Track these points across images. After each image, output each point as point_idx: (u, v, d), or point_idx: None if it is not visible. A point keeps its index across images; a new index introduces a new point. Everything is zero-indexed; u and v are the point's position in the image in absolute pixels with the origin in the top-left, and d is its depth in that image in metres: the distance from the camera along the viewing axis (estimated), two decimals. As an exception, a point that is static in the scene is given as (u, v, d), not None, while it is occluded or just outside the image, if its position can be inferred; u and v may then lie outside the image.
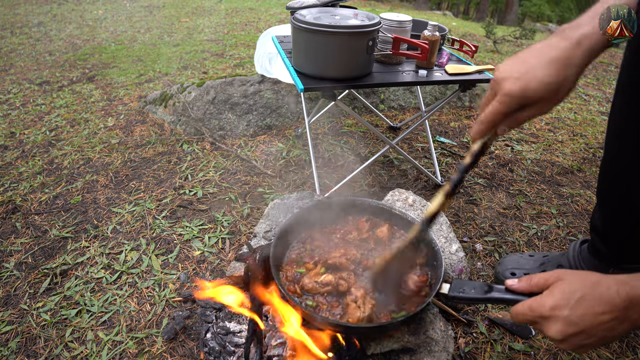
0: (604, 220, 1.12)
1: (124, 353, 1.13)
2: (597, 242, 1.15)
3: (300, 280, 1.03)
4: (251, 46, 3.87)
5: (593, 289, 0.64)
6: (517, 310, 0.71)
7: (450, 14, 10.69)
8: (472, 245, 1.50)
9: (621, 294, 0.62)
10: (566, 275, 0.67)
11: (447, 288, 0.93)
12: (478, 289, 0.86)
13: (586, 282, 0.65)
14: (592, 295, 0.63)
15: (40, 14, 5.56)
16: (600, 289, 0.63)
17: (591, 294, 0.63)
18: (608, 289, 0.63)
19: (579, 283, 0.65)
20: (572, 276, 0.67)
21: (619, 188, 1.06)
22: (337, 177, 1.84)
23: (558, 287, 0.66)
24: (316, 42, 1.34)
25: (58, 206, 1.72)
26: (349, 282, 1.02)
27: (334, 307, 0.98)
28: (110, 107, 2.62)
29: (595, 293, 0.63)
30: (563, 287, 0.66)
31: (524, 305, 0.70)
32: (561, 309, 0.64)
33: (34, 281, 1.37)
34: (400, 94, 2.53)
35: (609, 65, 3.98)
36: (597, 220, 1.14)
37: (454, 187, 0.85)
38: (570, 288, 0.65)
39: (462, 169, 0.83)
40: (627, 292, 0.62)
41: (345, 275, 1.04)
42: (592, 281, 0.65)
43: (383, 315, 0.97)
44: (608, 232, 1.11)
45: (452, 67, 1.56)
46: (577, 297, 0.64)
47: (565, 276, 0.67)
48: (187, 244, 1.50)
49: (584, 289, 0.64)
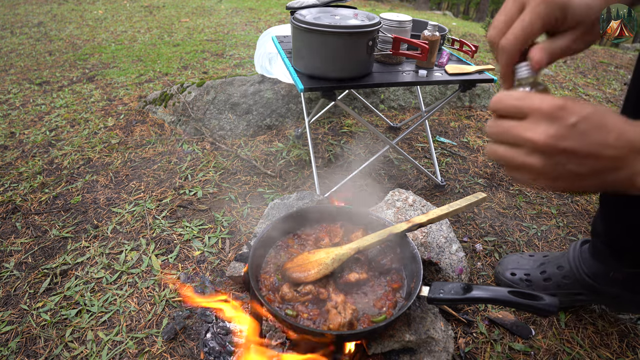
0: (606, 225, 1.11)
1: (124, 353, 1.13)
2: (598, 246, 1.15)
3: (279, 289, 1.02)
4: (251, 46, 3.87)
5: (612, 116, 0.51)
6: (503, 94, 0.56)
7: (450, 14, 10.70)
8: (472, 245, 1.50)
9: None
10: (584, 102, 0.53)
11: (426, 290, 0.94)
12: (457, 289, 0.86)
13: (606, 108, 0.52)
14: (610, 120, 0.50)
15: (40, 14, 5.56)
16: (620, 120, 0.51)
17: (609, 118, 0.50)
18: (629, 124, 0.51)
19: (597, 107, 0.52)
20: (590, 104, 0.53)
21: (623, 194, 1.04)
22: (337, 177, 1.84)
23: (569, 98, 0.53)
24: (316, 42, 1.34)
25: (58, 206, 1.72)
26: (327, 290, 1.02)
27: (314, 316, 0.97)
28: (110, 107, 2.61)
29: (615, 120, 0.50)
30: (577, 101, 0.52)
31: (517, 92, 0.55)
32: (570, 112, 0.50)
33: (34, 281, 1.37)
34: (400, 94, 2.53)
35: (609, 65, 3.98)
36: (599, 225, 1.13)
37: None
38: (585, 104, 0.51)
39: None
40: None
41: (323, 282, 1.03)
42: (611, 110, 0.52)
43: (363, 320, 0.97)
44: (610, 236, 1.10)
45: (452, 67, 1.56)
46: (590, 111, 0.50)
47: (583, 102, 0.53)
48: (187, 244, 1.50)
49: (601, 110, 0.51)
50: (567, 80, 3.36)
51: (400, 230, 1.07)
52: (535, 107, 0.51)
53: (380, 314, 0.98)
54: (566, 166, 0.51)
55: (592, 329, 1.21)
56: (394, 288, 1.05)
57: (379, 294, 1.04)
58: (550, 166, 0.51)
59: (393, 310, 0.99)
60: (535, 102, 0.52)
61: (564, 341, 1.18)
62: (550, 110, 0.50)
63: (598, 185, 0.53)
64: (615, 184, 0.52)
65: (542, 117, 0.51)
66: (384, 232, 1.09)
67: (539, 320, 1.23)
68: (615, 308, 1.24)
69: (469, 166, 1.98)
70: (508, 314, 1.24)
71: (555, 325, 1.22)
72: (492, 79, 1.53)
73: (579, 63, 3.94)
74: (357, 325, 0.94)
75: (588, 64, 3.94)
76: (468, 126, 2.37)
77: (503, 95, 0.55)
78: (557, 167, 0.51)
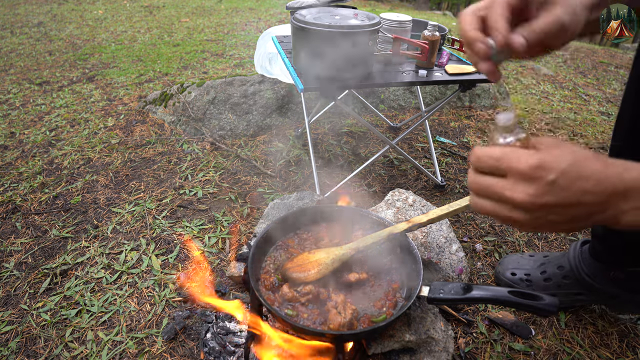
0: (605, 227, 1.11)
1: (124, 353, 1.13)
2: (598, 246, 1.15)
3: (279, 289, 1.02)
4: (251, 46, 3.87)
5: (592, 162, 0.52)
6: (482, 151, 0.56)
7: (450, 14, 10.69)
8: (472, 245, 1.50)
9: (624, 179, 0.51)
10: (561, 144, 0.55)
11: (426, 290, 0.94)
12: (457, 289, 0.86)
13: (583, 154, 0.53)
14: (589, 168, 0.52)
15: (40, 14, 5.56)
16: (599, 164, 0.52)
17: (588, 165, 0.52)
18: (608, 167, 0.52)
19: (574, 153, 0.53)
20: (567, 146, 0.54)
21: None
22: (337, 177, 1.84)
23: (547, 149, 0.54)
24: (316, 42, 1.34)
25: (58, 206, 1.72)
26: (327, 290, 1.02)
27: (314, 316, 0.96)
28: (110, 107, 2.61)
29: (595, 167, 0.52)
30: (554, 150, 0.53)
31: (495, 149, 0.55)
32: (547, 170, 0.51)
33: (34, 281, 1.37)
34: (400, 94, 2.53)
35: (609, 65, 3.98)
36: (599, 225, 1.13)
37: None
38: (562, 152, 0.53)
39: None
40: (634, 177, 0.51)
41: (323, 282, 1.03)
42: (589, 155, 0.53)
43: (363, 320, 0.97)
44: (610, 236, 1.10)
45: (452, 67, 1.56)
46: (567, 165, 0.51)
47: (560, 144, 0.55)
48: (187, 244, 1.50)
49: (579, 159, 0.52)
50: (567, 80, 3.36)
51: (400, 230, 1.07)
52: (512, 167, 0.53)
53: (380, 314, 0.98)
54: (547, 217, 0.54)
55: (592, 329, 1.21)
56: (394, 288, 1.05)
57: (379, 294, 1.04)
58: (533, 219, 0.54)
59: (393, 310, 0.99)
60: (512, 162, 0.53)
61: (564, 341, 1.18)
62: (527, 170, 0.52)
63: (583, 226, 0.56)
64: (601, 222, 0.54)
65: (520, 178, 0.53)
66: (384, 232, 1.09)
67: (539, 320, 1.23)
68: (615, 308, 1.24)
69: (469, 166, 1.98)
70: (508, 314, 1.24)
71: (555, 325, 1.22)
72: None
73: (578, 63, 3.95)
74: (357, 325, 0.94)
75: (588, 64, 3.94)
76: (468, 126, 2.37)
77: (481, 152, 0.57)
78: (539, 220, 0.54)
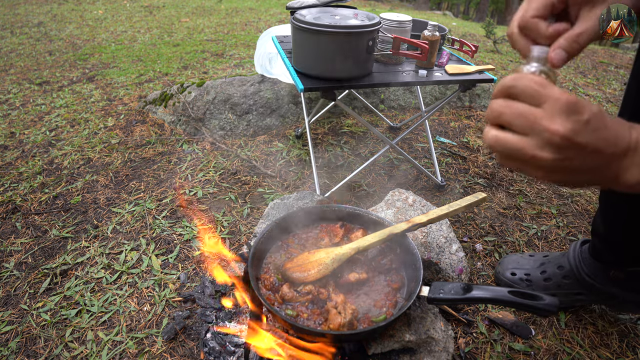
0: (606, 225, 1.11)
1: (124, 353, 1.13)
2: (598, 245, 1.15)
3: (279, 290, 1.02)
4: (251, 46, 3.87)
5: (609, 116, 0.52)
6: (522, 75, 0.53)
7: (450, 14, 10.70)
8: (472, 245, 1.50)
9: (632, 134, 0.51)
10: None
11: (426, 290, 0.94)
12: (457, 289, 0.86)
13: (599, 108, 0.51)
14: (609, 120, 0.51)
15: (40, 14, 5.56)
16: (614, 120, 0.52)
17: (607, 118, 0.51)
18: (621, 124, 0.52)
19: (598, 106, 0.52)
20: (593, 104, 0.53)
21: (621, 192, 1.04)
22: (337, 177, 1.84)
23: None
24: (316, 42, 1.34)
25: (58, 206, 1.72)
26: (327, 290, 1.02)
27: (314, 316, 0.96)
28: (110, 107, 2.61)
29: (612, 121, 0.52)
30: (581, 99, 0.52)
31: (534, 77, 0.52)
32: (583, 109, 0.49)
33: (34, 281, 1.37)
34: (400, 94, 2.53)
35: (609, 65, 3.98)
36: (599, 224, 1.13)
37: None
38: (589, 102, 0.51)
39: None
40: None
41: (323, 282, 1.03)
42: (603, 110, 0.52)
43: (363, 320, 0.97)
44: (610, 236, 1.10)
45: (452, 67, 1.56)
46: (597, 110, 0.50)
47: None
48: (187, 244, 1.50)
49: (603, 110, 0.51)
50: (567, 80, 3.36)
51: (400, 230, 1.07)
52: (555, 97, 0.49)
53: (380, 314, 0.98)
54: (572, 161, 0.50)
55: (592, 329, 1.21)
56: (394, 288, 1.05)
57: (379, 294, 1.04)
58: (559, 160, 0.50)
59: (393, 310, 0.99)
60: (555, 92, 0.50)
61: (564, 341, 1.18)
62: (568, 104, 0.49)
63: (589, 180, 0.53)
64: (603, 179, 0.53)
65: (559, 109, 0.49)
66: (384, 232, 1.09)
67: (539, 320, 1.23)
68: (615, 308, 1.24)
69: (469, 166, 1.98)
70: (508, 314, 1.24)
71: (555, 325, 1.22)
72: (492, 79, 1.53)
73: (578, 63, 3.94)
74: (357, 325, 0.94)
75: (588, 64, 3.94)
76: (468, 126, 2.37)
77: (521, 75, 0.53)
78: (565, 161, 0.50)
